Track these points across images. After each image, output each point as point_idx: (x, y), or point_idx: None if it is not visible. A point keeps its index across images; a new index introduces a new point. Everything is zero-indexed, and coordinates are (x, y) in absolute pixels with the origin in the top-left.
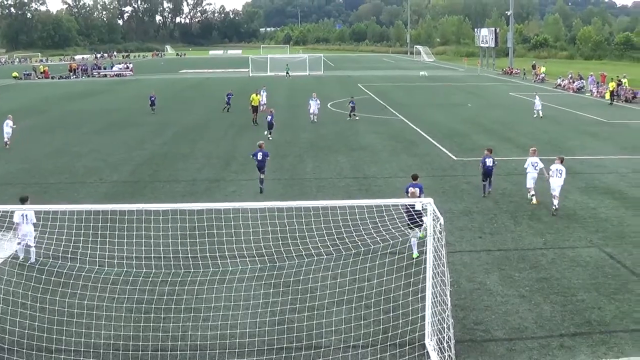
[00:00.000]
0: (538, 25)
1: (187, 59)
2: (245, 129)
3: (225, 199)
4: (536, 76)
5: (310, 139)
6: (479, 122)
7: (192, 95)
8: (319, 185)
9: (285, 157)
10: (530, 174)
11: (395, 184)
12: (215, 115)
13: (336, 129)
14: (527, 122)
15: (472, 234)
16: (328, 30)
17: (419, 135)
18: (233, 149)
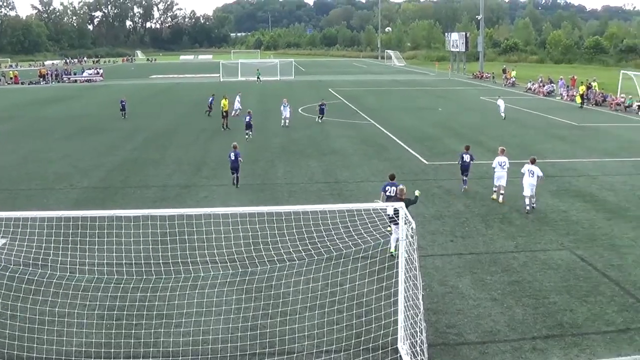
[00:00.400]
0: (508, 29)
1: (157, 64)
2: (217, 134)
3: (197, 205)
4: (507, 80)
5: (281, 144)
6: (449, 126)
7: (162, 101)
8: (290, 190)
9: (257, 162)
10: (497, 173)
11: (366, 189)
12: (186, 120)
13: (308, 133)
14: (498, 126)
15: (443, 238)
16: (299, 35)
17: (390, 140)
18: (204, 154)
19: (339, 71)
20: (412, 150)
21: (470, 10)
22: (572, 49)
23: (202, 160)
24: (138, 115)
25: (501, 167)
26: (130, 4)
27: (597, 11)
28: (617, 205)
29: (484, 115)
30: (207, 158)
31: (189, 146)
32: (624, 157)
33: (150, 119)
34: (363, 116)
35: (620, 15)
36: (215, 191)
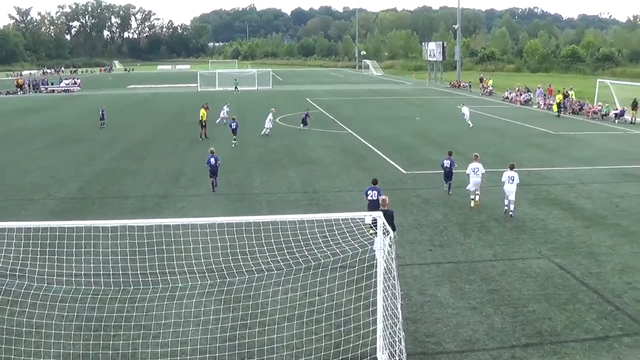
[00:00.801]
0: (485, 38)
1: (135, 74)
2: (194, 144)
3: (175, 215)
4: (484, 89)
5: (259, 154)
6: (427, 136)
7: (140, 111)
8: (268, 200)
9: (234, 172)
10: (471, 179)
11: (345, 198)
12: (164, 130)
13: (285, 143)
14: (475, 135)
15: (422, 247)
16: (276, 45)
17: (368, 149)
18: (182, 164)
19: (316, 81)
20: (390, 159)
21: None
22: (549, 57)
23: (180, 170)
24: (116, 126)
25: (474, 173)
26: (108, 14)
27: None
28: (595, 213)
29: (462, 124)
30: (185, 168)
31: (167, 156)
32: (601, 165)
33: (128, 129)
34: (341, 126)
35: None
36: (193, 201)
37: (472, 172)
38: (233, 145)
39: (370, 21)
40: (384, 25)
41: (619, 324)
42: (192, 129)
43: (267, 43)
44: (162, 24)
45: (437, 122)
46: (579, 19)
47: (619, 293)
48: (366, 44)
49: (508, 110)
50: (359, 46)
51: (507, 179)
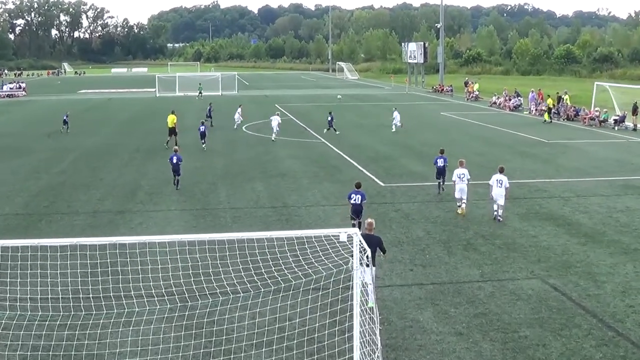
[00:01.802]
0: (471, 38)
1: (86, 77)
2: (153, 154)
3: (131, 232)
4: (469, 94)
5: (224, 165)
6: (408, 145)
7: (92, 118)
8: (234, 215)
9: (197, 185)
10: (457, 186)
11: (317, 213)
12: (119, 139)
13: (252, 153)
14: (461, 144)
15: (402, 267)
16: (242, 46)
17: (342, 160)
18: (139, 176)
19: (286, 85)
20: (367, 171)
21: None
22: (541, 58)
23: (137, 184)
24: (66, 134)
25: (460, 180)
26: (56, 12)
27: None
28: (593, 229)
29: (446, 132)
30: (142, 181)
31: (123, 168)
32: (599, 177)
33: (79, 138)
34: (313, 134)
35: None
36: (152, 217)
37: (458, 179)
38: (203, 148)
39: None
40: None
41: (621, 351)
42: (150, 138)
43: (232, 44)
44: (117, 23)
45: (419, 130)
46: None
47: (621, 317)
48: (340, 45)
49: (496, 116)
50: (333, 47)
51: (495, 182)
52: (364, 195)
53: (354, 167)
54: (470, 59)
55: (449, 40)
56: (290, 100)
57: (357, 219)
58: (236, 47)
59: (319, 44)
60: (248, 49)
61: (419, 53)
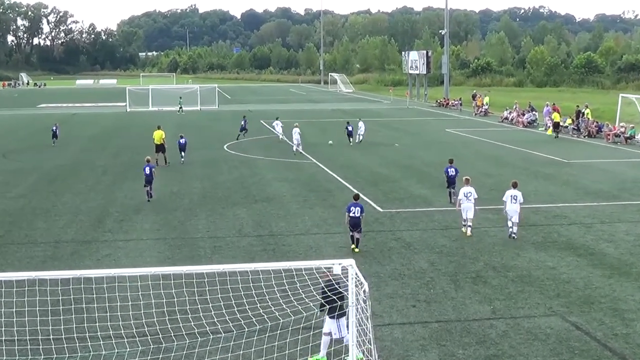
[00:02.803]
0: (479, 46)
1: (48, 89)
2: (123, 176)
3: (98, 265)
4: (477, 108)
5: (204, 188)
6: (409, 165)
7: None
8: (214, 245)
9: (173, 212)
10: (463, 205)
11: (307, 243)
12: (85, 159)
13: (235, 175)
14: (468, 164)
15: (403, 303)
16: (223, 55)
17: (336, 183)
18: (108, 202)
19: (273, 99)
20: (364, 195)
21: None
22: (558, 68)
23: (105, 209)
24: (24, 154)
25: (467, 199)
26: (12, 15)
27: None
28: (619, 259)
29: (451, 150)
30: (111, 206)
31: (89, 192)
32: (626, 200)
33: (39, 159)
34: (303, 154)
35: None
36: (122, 248)
37: (464, 197)
38: (182, 162)
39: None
40: (355, 31)
41: None
42: (120, 158)
43: (211, 53)
44: (82, 29)
45: (421, 149)
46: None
47: None
48: (333, 54)
49: (508, 133)
50: (325, 56)
51: (510, 198)
52: (362, 207)
53: (348, 190)
54: (478, 69)
55: (455, 48)
56: (277, 115)
57: (356, 232)
58: (217, 56)
59: (309, 53)
60: (230, 59)
61: (421, 63)
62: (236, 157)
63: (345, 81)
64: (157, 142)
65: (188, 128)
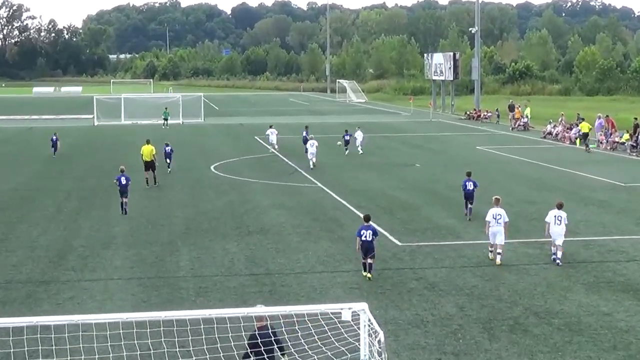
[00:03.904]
0: (517, 47)
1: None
2: (90, 203)
3: (58, 310)
4: (515, 121)
5: (187, 218)
6: (432, 189)
7: (7, 153)
8: (199, 286)
9: (149, 246)
10: (492, 228)
11: (311, 283)
12: (43, 183)
13: (224, 202)
14: (504, 188)
15: (427, 355)
16: (210, 58)
17: (345, 210)
18: (71, 233)
19: (269, 111)
20: (378, 225)
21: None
22: (613, 73)
23: (68, 243)
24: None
25: (496, 221)
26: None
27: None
28: None
29: (483, 172)
30: (75, 239)
31: (48, 222)
32: None
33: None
34: (305, 176)
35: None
36: (88, 289)
37: (493, 220)
38: (168, 171)
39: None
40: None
41: None
42: (86, 181)
43: (196, 55)
44: (40, 26)
45: (447, 171)
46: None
47: None
48: (342, 57)
49: (552, 151)
50: (332, 59)
51: (554, 219)
52: (375, 230)
53: (359, 219)
54: (516, 74)
55: (488, 49)
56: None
57: (368, 258)
58: (202, 59)
59: (313, 56)
60: (218, 62)
61: (448, 67)
62: (225, 179)
63: (356, 89)
64: (147, 159)
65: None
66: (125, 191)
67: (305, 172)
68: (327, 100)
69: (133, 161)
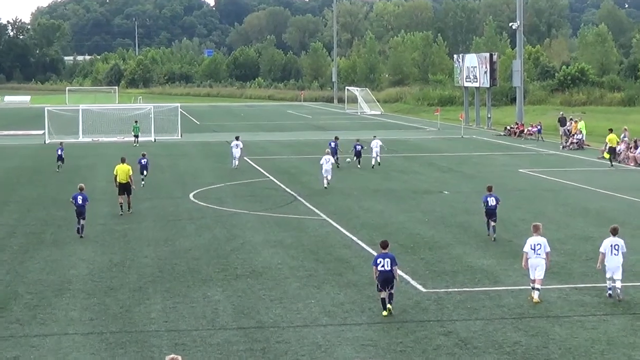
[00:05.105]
0: (569, 46)
1: None
2: (39, 240)
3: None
4: (567, 138)
5: (158, 258)
6: (464, 223)
7: None
8: (174, 343)
9: (113, 292)
10: (530, 260)
11: (314, 338)
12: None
13: (206, 238)
14: (553, 221)
15: None
16: (190, 60)
17: (355, 249)
18: (15, 278)
19: (262, 126)
20: (397, 267)
21: (499, 14)
22: None
23: (12, 290)
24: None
25: (535, 252)
26: None
27: None
28: None
29: (528, 201)
30: (20, 285)
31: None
32: None
33: None
34: (307, 206)
35: None
36: (37, 347)
37: (531, 251)
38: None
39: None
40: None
41: None
42: (34, 214)
43: (172, 57)
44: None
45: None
46: None
47: None
48: (352, 59)
49: (613, 175)
50: (339, 62)
51: (610, 248)
52: (394, 258)
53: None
54: (568, 80)
55: (533, 49)
56: (268, 150)
57: (387, 290)
58: (179, 61)
59: (316, 57)
60: (199, 66)
61: (483, 71)
62: (207, 210)
63: (370, 98)
64: (123, 181)
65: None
66: (82, 212)
67: (306, 200)
68: (333, 111)
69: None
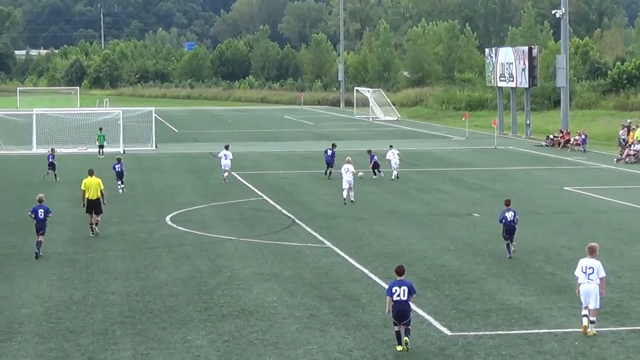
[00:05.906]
0: (623, 39)
1: None
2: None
3: None
4: (624, 149)
5: (128, 295)
6: (497, 253)
7: None
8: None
9: (74, 337)
10: (582, 286)
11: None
12: None
13: (187, 270)
14: (608, 249)
15: None
16: (166, 55)
17: (366, 283)
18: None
19: (253, 134)
20: (417, 306)
21: (539, 1)
22: None
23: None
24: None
25: (587, 277)
26: None
27: None
28: None
29: (576, 224)
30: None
31: None
32: None
33: None
34: (307, 231)
35: None
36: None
37: (583, 275)
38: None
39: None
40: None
41: None
42: None
43: (145, 51)
44: None
45: (520, 223)
46: None
47: None
48: (362, 54)
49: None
50: (346, 58)
51: None
52: (411, 286)
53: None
54: (623, 79)
55: (581, 42)
56: (261, 164)
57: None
58: (154, 56)
59: (319, 52)
60: (177, 62)
61: (520, 68)
62: (188, 237)
63: (384, 101)
64: (92, 197)
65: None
66: (42, 227)
67: (306, 224)
68: (340, 117)
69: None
